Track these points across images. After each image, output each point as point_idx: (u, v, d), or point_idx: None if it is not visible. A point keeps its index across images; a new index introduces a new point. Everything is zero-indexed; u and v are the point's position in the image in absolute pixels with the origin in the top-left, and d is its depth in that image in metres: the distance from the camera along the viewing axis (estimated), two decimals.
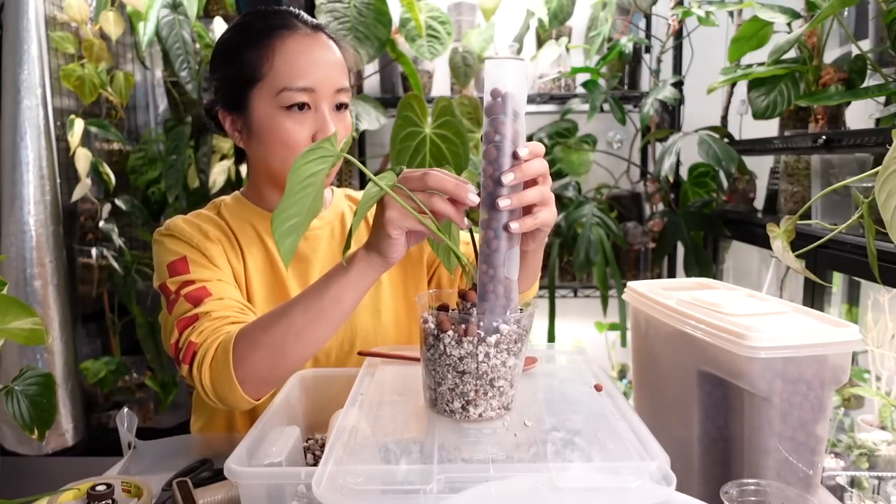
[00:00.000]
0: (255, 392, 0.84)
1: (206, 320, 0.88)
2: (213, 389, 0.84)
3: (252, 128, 0.97)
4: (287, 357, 0.82)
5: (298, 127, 0.94)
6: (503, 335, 0.65)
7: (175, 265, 0.94)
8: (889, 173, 0.62)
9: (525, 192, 0.67)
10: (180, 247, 0.96)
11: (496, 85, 0.65)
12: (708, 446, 0.82)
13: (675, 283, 1.01)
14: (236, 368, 0.81)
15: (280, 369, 0.83)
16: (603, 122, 2.49)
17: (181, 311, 0.90)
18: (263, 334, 0.82)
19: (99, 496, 0.72)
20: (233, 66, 0.97)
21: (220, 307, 0.90)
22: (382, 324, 1.06)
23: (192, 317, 0.89)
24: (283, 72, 0.93)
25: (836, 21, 1.56)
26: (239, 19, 1.02)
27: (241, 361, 0.81)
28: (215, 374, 0.83)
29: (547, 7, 2.27)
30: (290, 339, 0.80)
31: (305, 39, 0.96)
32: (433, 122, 1.93)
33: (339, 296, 0.80)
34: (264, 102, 0.95)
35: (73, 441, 2.13)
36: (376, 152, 2.59)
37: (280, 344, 0.81)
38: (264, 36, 0.95)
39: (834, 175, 1.54)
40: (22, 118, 1.99)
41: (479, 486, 0.55)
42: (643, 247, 2.47)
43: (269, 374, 0.83)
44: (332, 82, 0.95)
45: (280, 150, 0.95)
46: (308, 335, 0.81)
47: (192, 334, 0.87)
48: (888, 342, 1.34)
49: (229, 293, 0.94)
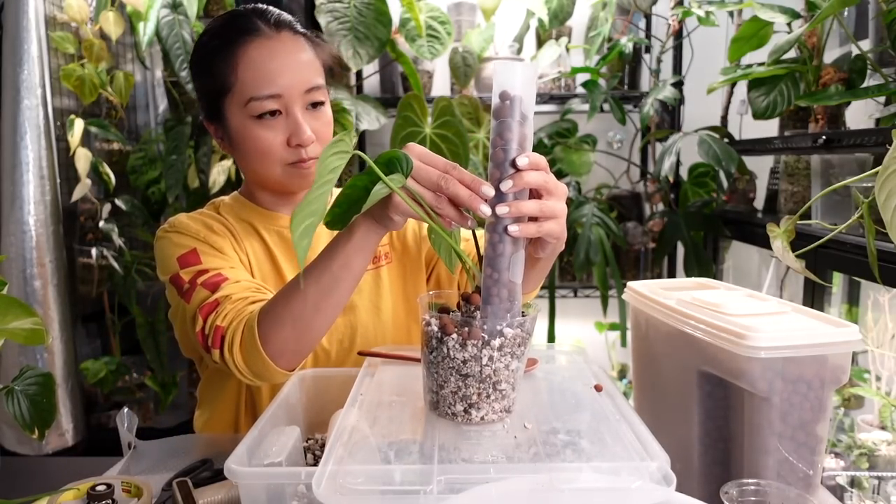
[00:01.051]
0: (287, 364, 0.84)
1: (228, 303, 0.88)
2: (247, 369, 0.84)
3: (231, 137, 0.98)
4: (310, 328, 0.82)
5: (271, 134, 0.93)
6: (507, 338, 0.65)
7: (185, 257, 0.95)
8: (889, 173, 0.62)
9: (523, 203, 0.65)
10: (188, 240, 0.97)
11: (505, 87, 0.64)
12: (708, 446, 0.82)
13: (675, 283, 1.01)
14: (265, 346, 0.82)
15: (307, 339, 0.83)
16: (603, 122, 2.49)
17: (201, 299, 0.90)
18: (284, 310, 0.82)
19: (99, 496, 0.72)
20: (205, 76, 0.97)
21: (238, 289, 0.90)
22: (382, 321, 1.06)
23: (214, 302, 0.89)
24: (248, 81, 0.93)
25: (836, 21, 1.56)
26: (209, 24, 1.01)
27: (268, 338, 0.82)
28: (246, 354, 0.84)
29: (547, 7, 2.27)
30: (309, 312, 0.81)
31: (268, 43, 0.94)
32: (433, 122, 1.93)
33: (346, 262, 0.79)
34: (236, 112, 0.95)
35: (73, 441, 2.13)
36: (376, 152, 2.57)
37: (301, 317, 0.81)
38: (228, 44, 0.94)
39: (834, 175, 1.54)
40: (22, 118, 1.99)
41: (478, 486, 0.55)
42: (643, 247, 2.47)
43: (297, 346, 0.83)
44: (300, 84, 0.94)
45: (257, 157, 0.95)
46: (325, 305, 0.81)
47: (218, 319, 0.87)
48: (888, 342, 1.34)
49: (244, 276, 0.95)
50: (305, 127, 0.93)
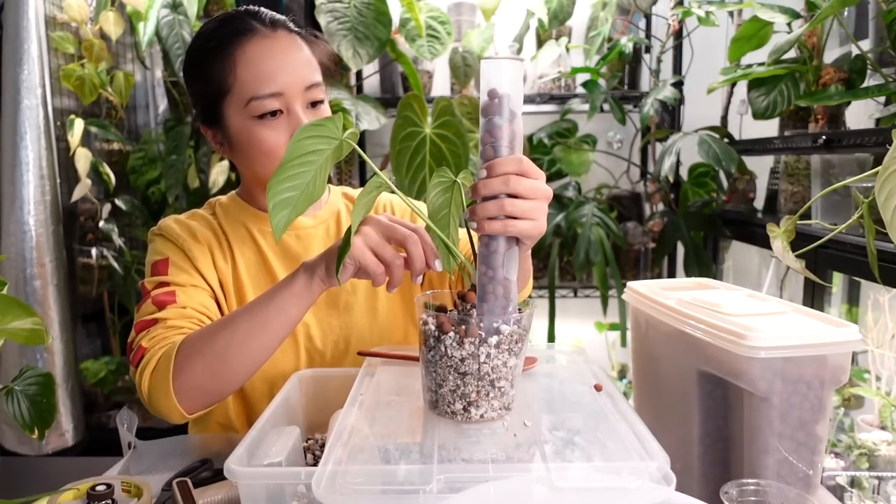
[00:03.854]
0: (190, 404, 0.82)
1: (161, 327, 0.88)
2: (149, 397, 0.83)
3: (231, 140, 0.96)
4: (227, 366, 0.81)
5: (274, 134, 0.92)
6: (504, 336, 0.65)
7: (157, 265, 0.95)
8: (889, 173, 0.62)
9: (484, 205, 0.66)
10: (166, 247, 0.97)
11: (493, 85, 0.64)
12: (708, 446, 0.82)
13: (675, 283, 1.01)
14: (175, 377, 0.81)
15: (219, 379, 0.82)
16: (603, 122, 2.49)
17: (144, 313, 0.91)
18: (206, 342, 0.82)
19: (99, 496, 0.72)
20: (200, 81, 0.96)
21: (178, 316, 0.90)
22: (378, 322, 1.06)
23: (151, 321, 0.89)
24: (247, 81, 0.92)
25: (836, 21, 1.56)
26: (201, 27, 1.00)
27: (181, 369, 0.81)
28: (153, 381, 0.83)
29: (547, 7, 2.27)
30: (233, 348, 0.80)
31: (265, 42, 0.93)
32: (433, 122, 1.93)
33: (282, 306, 0.80)
34: (236, 114, 0.93)
35: (73, 441, 2.13)
36: (376, 152, 2.58)
37: (221, 352, 0.81)
38: (224, 45, 0.93)
39: (834, 175, 1.54)
40: (22, 118, 1.99)
41: (478, 486, 0.55)
42: (643, 247, 2.47)
43: (207, 384, 0.82)
44: (300, 81, 0.93)
45: (261, 158, 0.94)
46: (250, 344, 0.81)
47: (145, 339, 0.87)
48: (888, 342, 1.34)
49: (197, 300, 0.94)
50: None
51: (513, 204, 0.66)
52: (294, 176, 0.62)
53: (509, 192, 0.66)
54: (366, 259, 0.76)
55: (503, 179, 0.65)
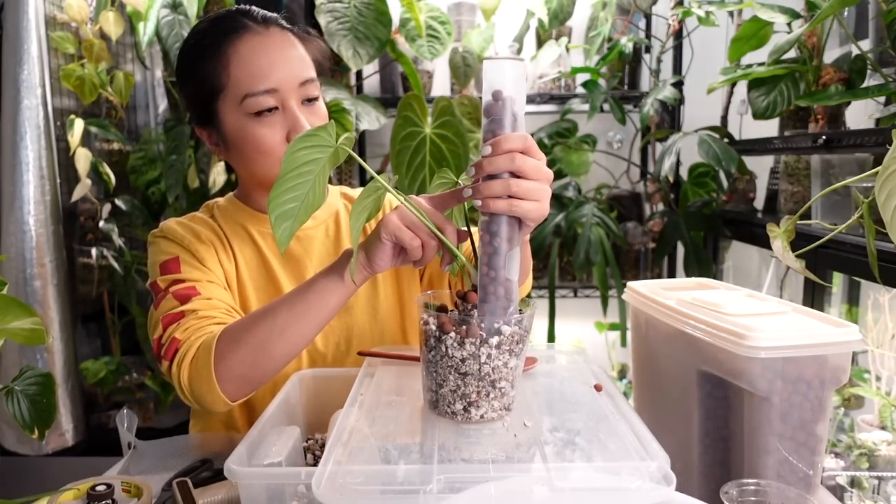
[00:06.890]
0: (233, 392, 0.82)
1: (192, 318, 0.87)
2: (190, 387, 0.83)
3: (227, 140, 0.96)
4: (269, 355, 0.81)
5: (270, 131, 0.92)
6: (505, 336, 0.65)
7: (167, 264, 0.95)
8: (889, 173, 0.62)
9: (484, 185, 0.65)
10: (173, 247, 0.96)
11: (495, 86, 0.64)
12: (708, 446, 0.82)
13: (675, 283, 1.01)
14: (217, 365, 0.81)
15: (261, 368, 0.82)
16: (603, 122, 2.49)
17: (168, 308, 0.90)
18: (247, 331, 0.81)
19: (99, 496, 0.72)
20: (194, 81, 0.95)
21: (206, 306, 0.90)
22: (379, 322, 1.06)
23: (178, 314, 0.88)
24: (241, 78, 0.91)
25: (836, 21, 1.56)
26: (193, 27, 1.00)
27: (223, 358, 0.81)
28: (195, 371, 0.83)
29: (547, 7, 2.27)
30: (274, 337, 0.80)
31: (258, 39, 0.93)
32: (433, 122, 1.93)
33: (323, 295, 0.80)
34: (231, 112, 0.93)
35: (73, 441, 2.13)
36: (376, 152, 2.58)
37: (263, 341, 0.80)
38: (217, 44, 0.93)
39: (834, 175, 1.54)
40: (22, 118, 1.99)
41: (478, 486, 0.55)
42: (643, 247, 2.46)
43: (249, 372, 0.82)
44: (294, 77, 0.93)
45: (258, 157, 0.94)
46: (291, 333, 0.81)
47: (177, 331, 0.86)
48: (888, 342, 1.34)
49: (218, 294, 0.94)
50: (304, 121, 0.92)
51: (518, 184, 0.65)
52: (293, 187, 0.62)
53: (514, 170, 0.65)
54: (402, 233, 0.74)
55: (509, 157, 0.65)
